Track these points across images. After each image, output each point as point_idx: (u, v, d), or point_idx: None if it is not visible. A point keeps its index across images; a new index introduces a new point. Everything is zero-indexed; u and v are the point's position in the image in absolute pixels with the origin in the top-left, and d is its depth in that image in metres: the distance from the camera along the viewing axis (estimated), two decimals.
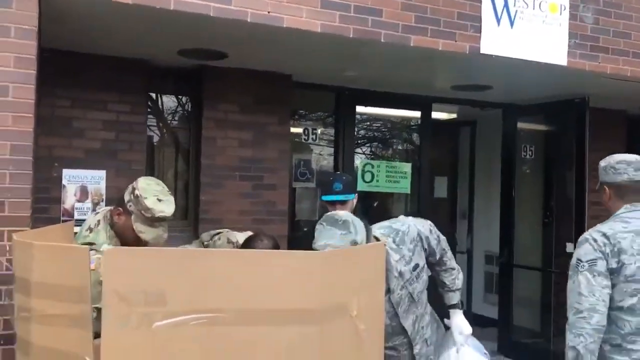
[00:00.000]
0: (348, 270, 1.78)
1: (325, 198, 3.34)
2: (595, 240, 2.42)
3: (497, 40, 3.97)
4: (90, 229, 2.53)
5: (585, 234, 2.50)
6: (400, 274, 2.54)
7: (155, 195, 2.52)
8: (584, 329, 2.34)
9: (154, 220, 2.50)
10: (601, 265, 2.37)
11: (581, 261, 2.42)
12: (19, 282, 1.82)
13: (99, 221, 2.55)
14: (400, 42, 3.68)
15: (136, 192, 2.50)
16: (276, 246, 2.78)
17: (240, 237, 2.98)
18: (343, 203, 3.25)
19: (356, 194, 3.38)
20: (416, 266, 2.60)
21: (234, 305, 1.56)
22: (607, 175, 2.56)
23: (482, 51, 3.93)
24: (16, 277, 1.86)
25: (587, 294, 2.36)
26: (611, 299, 2.38)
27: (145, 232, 2.50)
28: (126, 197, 2.54)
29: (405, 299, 2.56)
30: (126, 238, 2.55)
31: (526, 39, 4.07)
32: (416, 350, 2.68)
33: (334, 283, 1.71)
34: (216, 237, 3.08)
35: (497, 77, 4.76)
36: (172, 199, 2.57)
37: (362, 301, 1.79)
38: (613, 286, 2.38)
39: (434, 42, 3.78)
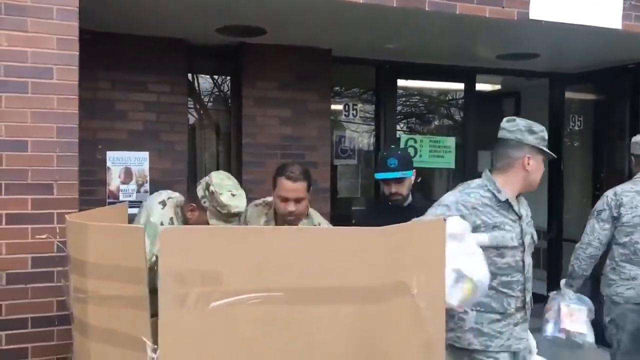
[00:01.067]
0: (406, 247, 1.70)
1: (379, 176, 3.01)
2: (607, 196, 3.43)
3: (546, 5, 3.79)
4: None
5: (606, 191, 3.48)
6: (521, 215, 2.45)
7: (229, 190, 2.50)
8: (580, 255, 3.44)
9: (228, 216, 2.49)
10: (604, 215, 3.41)
11: (595, 210, 3.47)
12: (75, 264, 1.81)
13: (171, 218, 2.55)
14: (445, 9, 3.54)
15: (211, 188, 2.48)
16: (306, 171, 2.75)
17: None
18: (399, 181, 2.96)
19: (414, 171, 3.05)
20: (528, 214, 2.51)
21: (291, 284, 1.51)
22: (634, 148, 3.54)
23: (531, 17, 3.76)
24: (71, 258, 1.85)
25: (589, 232, 3.44)
26: (614, 236, 3.41)
27: None
28: (200, 193, 2.52)
29: (529, 235, 2.43)
30: None
31: (578, 3, 3.87)
32: (527, 298, 2.43)
33: (392, 260, 1.64)
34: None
35: (545, 44, 4.57)
36: (243, 192, 2.55)
37: (422, 279, 1.72)
38: (616, 228, 3.40)
39: (481, 9, 3.63)
